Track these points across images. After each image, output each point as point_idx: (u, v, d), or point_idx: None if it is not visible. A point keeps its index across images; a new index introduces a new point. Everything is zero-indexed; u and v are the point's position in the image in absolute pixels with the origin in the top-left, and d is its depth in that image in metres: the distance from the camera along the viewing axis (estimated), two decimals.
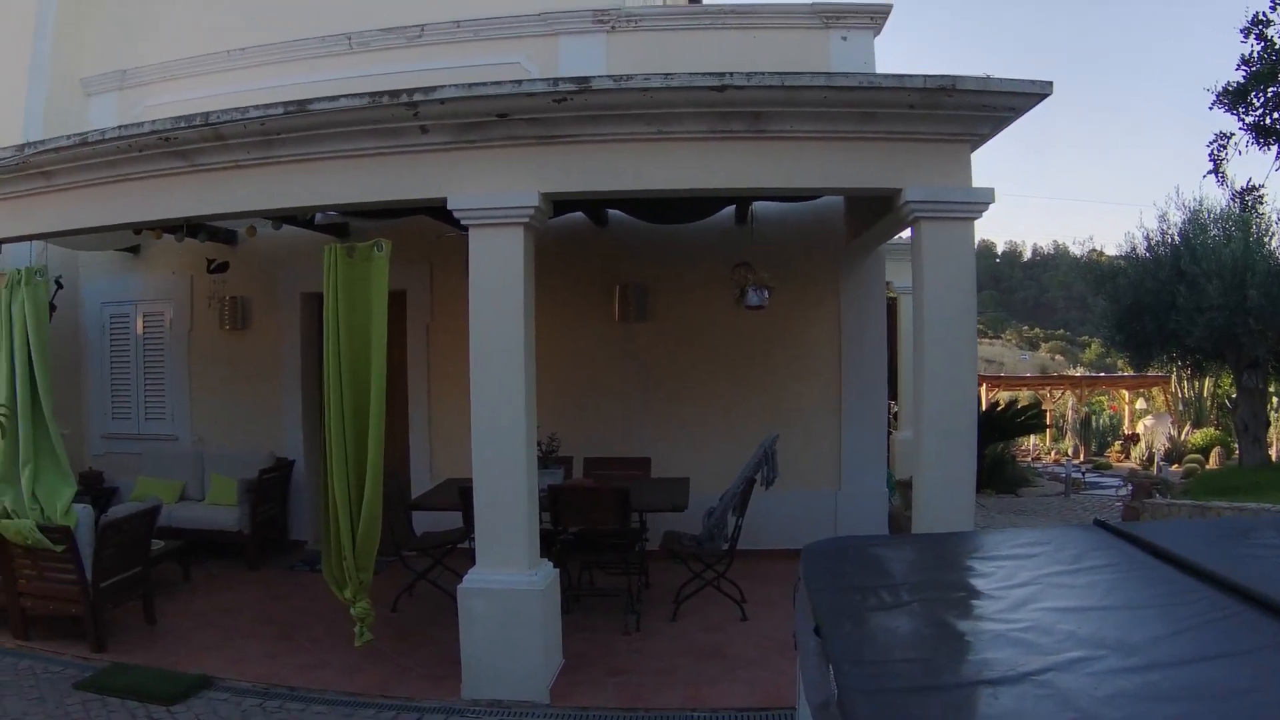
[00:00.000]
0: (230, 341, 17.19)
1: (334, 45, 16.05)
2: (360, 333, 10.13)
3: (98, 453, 17.99)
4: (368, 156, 10.15)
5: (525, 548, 9.73)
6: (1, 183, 11.92)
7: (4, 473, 11.97)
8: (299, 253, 16.08)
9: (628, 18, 14.92)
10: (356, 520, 10.05)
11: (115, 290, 18.07)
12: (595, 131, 9.62)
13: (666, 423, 15.21)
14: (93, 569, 11.30)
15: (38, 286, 12.08)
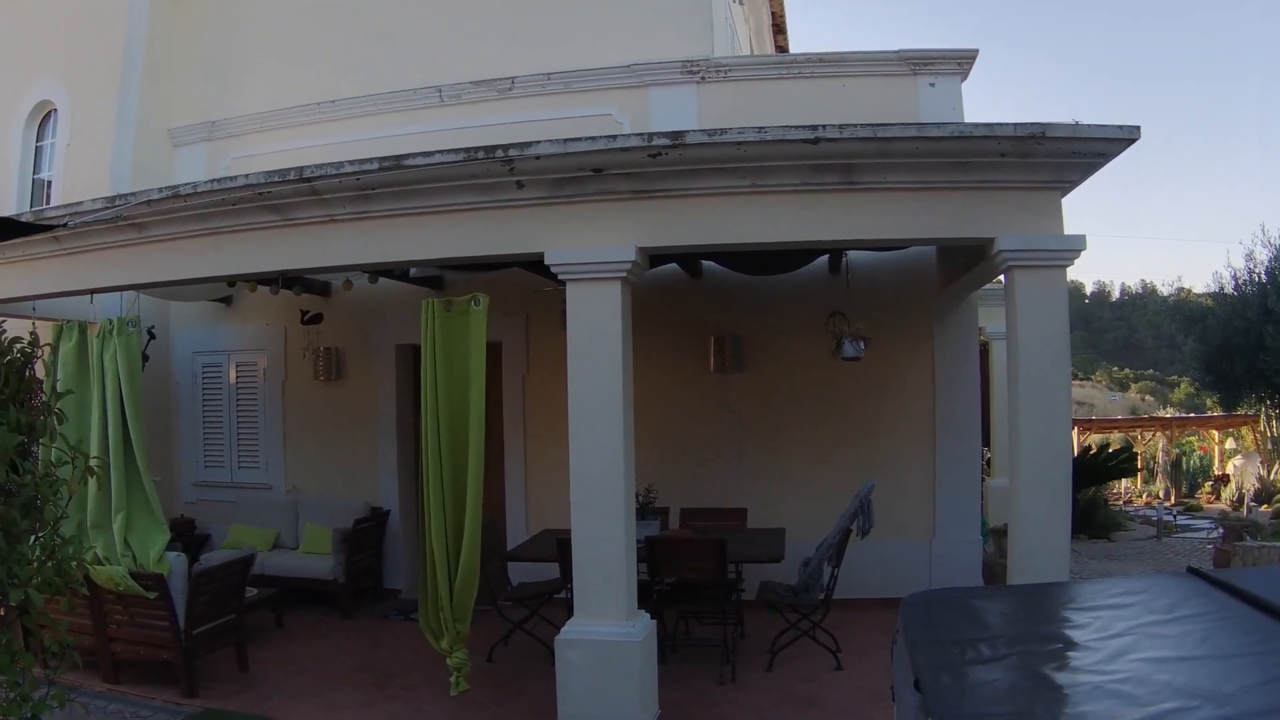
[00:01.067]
0: (325, 392, 17.29)
1: (425, 98, 16.15)
2: (459, 386, 10.17)
3: (189, 500, 18.11)
4: (463, 211, 10.20)
5: (623, 599, 9.70)
6: (92, 234, 12.04)
7: (96, 519, 12.09)
8: (393, 304, 16.14)
9: (716, 68, 14.93)
10: (454, 572, 10.07)
11: (207, 340, 18.22)
12: (690, 186, 9.64)
13: (762, 473, 15.10)
14: (185, 616, 11.36)
15: (130, 336, 12.20)
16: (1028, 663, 5.04)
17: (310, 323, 16.89)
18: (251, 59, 18.36)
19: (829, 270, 14.79)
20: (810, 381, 15.06)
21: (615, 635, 9.55)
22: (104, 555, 11.73)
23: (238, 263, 11.62)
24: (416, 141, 11.97)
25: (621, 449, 9.79)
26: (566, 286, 9.97)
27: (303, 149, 15.17)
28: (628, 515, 9.88)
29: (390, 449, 16.89)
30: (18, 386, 6.64)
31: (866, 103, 13.98)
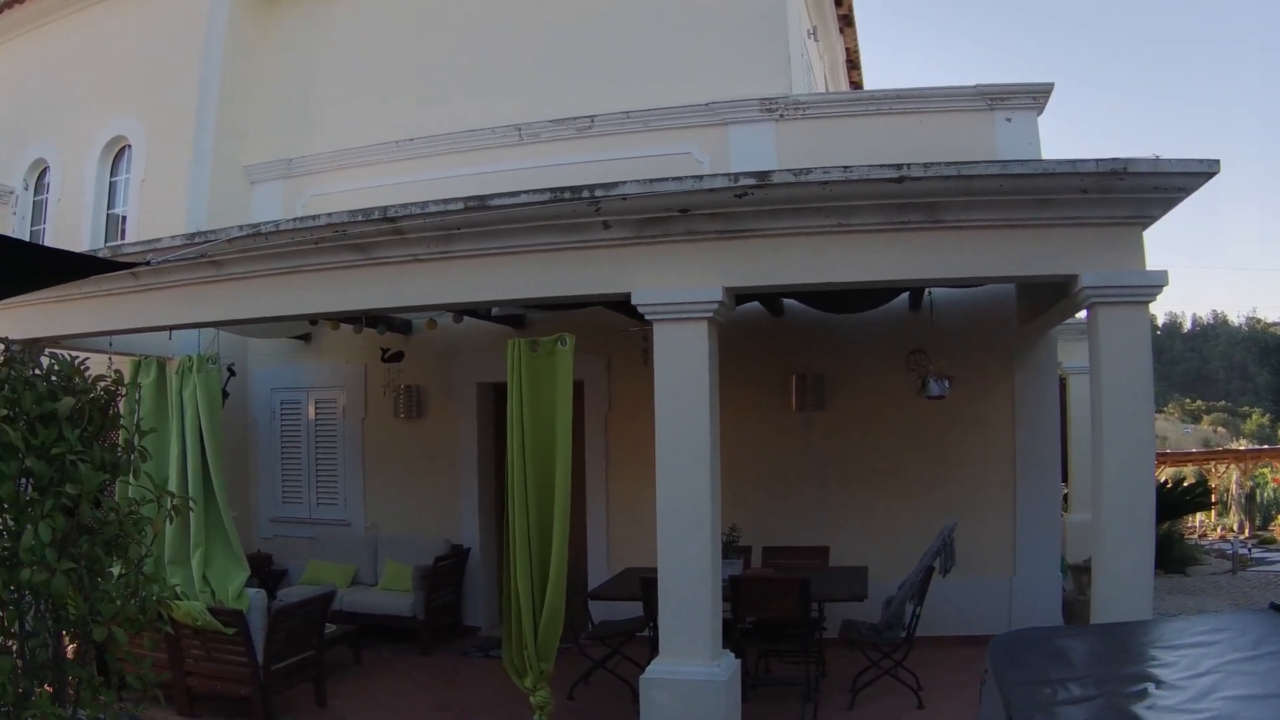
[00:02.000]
0: (405, 430, 17.25)
1: (504, 136, 16.12)
2: (545, 425, 10.13)
3: (266, 535, 18.14)
4: (548, 251, 10.23)
5: (709, 639, 9.65)
6: (170, 271, 12.09)
7: (174, 555, 12.15)
8: (475, 343, 16.13)
9: (795, 105, 14.83)
10: (539, 611, 10.00)
11: (286, 377, 18.27)
12: (775, 225, 9.61)
13: (843, 511, 14.94)
14: (264, 652, 11.36)
15: (210, 374, 12.29)
16: (1117, 703, 4.98)
17: (391, 360, 16.84)
18: (327, 97, 18.46)
19: (909, 307, 14.66)
20: (891, 419, 14.90)
21: (700, 675, 9.49)
22: (182, 591, 11.73)
23: (319, 301, 11.71)
24: (494, 181, 11.92)
25: (708, 488, 9.76)
26: (654, 327, 9.94)
27: (379, 187, 15.18)
28: (714, 555, 9.83)
29: (471, 486, 16.83)
30: (101, 423, 6.63)
31: (943, 139, 13.81)
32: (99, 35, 19.84)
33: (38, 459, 5.89)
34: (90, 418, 6.50)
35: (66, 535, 6.14)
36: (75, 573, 6.02)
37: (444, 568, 15.78)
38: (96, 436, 6.53)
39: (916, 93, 14.64)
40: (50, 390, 6.29)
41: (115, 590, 6.25)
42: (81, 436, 6.26)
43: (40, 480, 5.93)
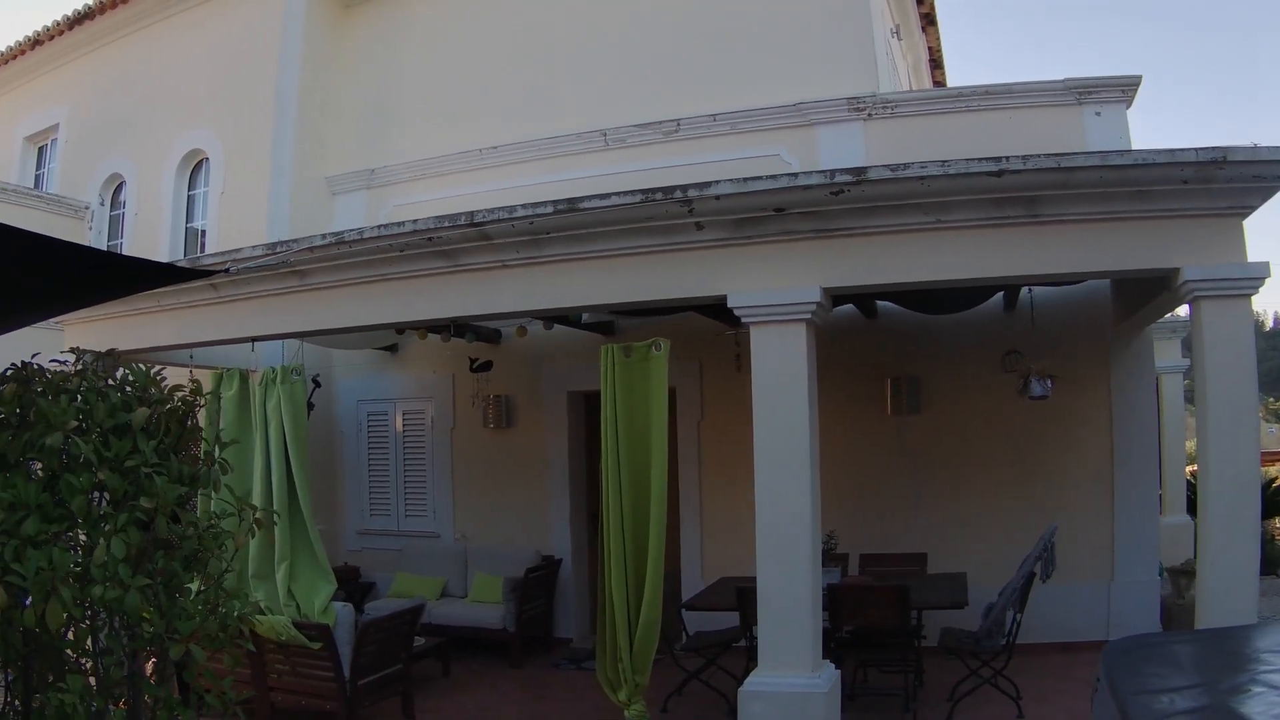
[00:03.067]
0: (494, 440, 17.13)
1: (590, 142, 16.04)
2: (639, 433, 9.97)
3: (353, 548, 18.08)
4: (639, 254, 10.03)
5: (809, 649, 9.38)
6: (251, 282, 12.08)
7: (259, 569, 12.07)
8: (564, 351, 15.94)
9: (883, 104, 14.64)
10: (635, 623, 9.83)
11: (372, 388, 18.24)
12: (872, 223, 9.35)
13: (941, 516, 14.60)
14: (351, 667, 11.23)
15: (295, 385, 12.20)
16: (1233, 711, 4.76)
17: (479, 370, 16.77)
18: (408, 105, 18.47)
19: (1004, 308, 14.34)
20: (987, 422, 14.58)
21: (800, 687, 9.20)
22: (266, 605, 11.63)
23: (404, 310, 11.57)
24: (580, 187, 11.72)
25: (808, 496, 9.50)
26: (750, 330, 9.69)
27: (464, 196, 14.99)
28: (814, 564, 9.56)
29: (562, 497, 16.65)
30: (179, 435, 6.47)
31: (1033, 135, 13.56)
32: (173, 50, 20.03)
33: (111, 472, 5.71)
34: (167, 429, 6.35)
35: (143, 550, 5.99)
36: (151, 589, 5.86)
37: (535, 579, 15.58)
38: (174, 449, 6.38)
39: (1004, 88, 14.40)
40: (125, 401, 6.14)
41: (193, 607, 6.08)
42: (157, 448, 6.09)
43: (114, 494, 5.77)
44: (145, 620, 5.91)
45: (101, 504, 5.80)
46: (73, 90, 22.14)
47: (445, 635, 14.66)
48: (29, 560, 5.34)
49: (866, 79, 15.08)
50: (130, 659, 6.14)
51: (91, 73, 21.74)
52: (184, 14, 19.99)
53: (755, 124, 15.18)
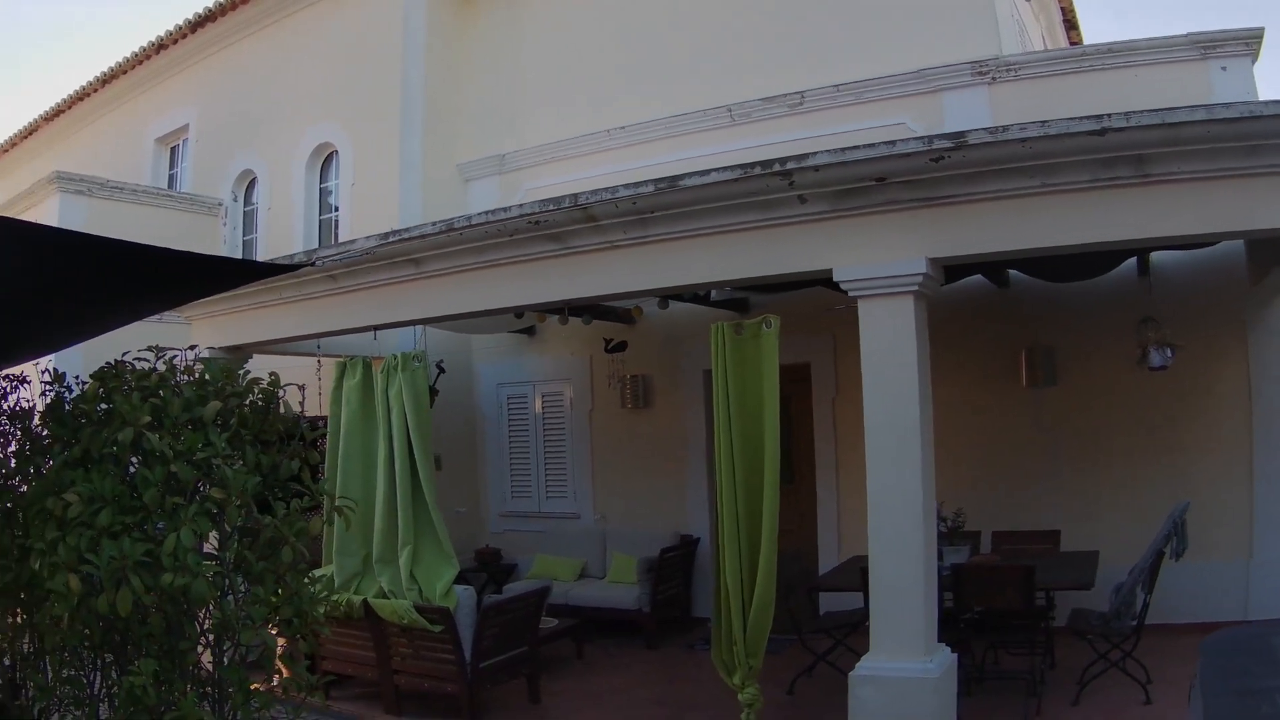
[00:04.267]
0: (632, 420, 17.23)
1: (715, 118, 16.02)
2: (752, 412, 9.82)
3: (496, 530, 18.30)
4: (744, 230, 9.89)
5: (921, 632, 9.16)
6: (369, 271, 12.23)
7: (382, 554, 12.14)
8: (698, 329, 15.39)
9: (1006, 67, 14.38)
10: (748, 605, 9.71)
11: (511, 371, 18.45)
12: (976, 190, 9.09)
13: (1075, 492, 14.21)
14: (473, 649, 11.30)
15: (416, 372, 12.21)
16: None
17: (614, 351, 16.89)
18: (535, 89, 18.63)
19: (1138, 274, 13.91)
20: (1122, 394, 14.15)
21: (911, 671, 8.99)
22: (389, 589, 11.84)
23: (517, 294, 11.60)
24: (708, 164, 11.63)
25: (919, 473, 9.27)
26: (858, 304, 9.53)
27: (594, 177, 14.87)
28: (927, 543, 9.35)
29: (699, 475, 16.57)
30: (259, 427, 6.56)
31: (1158, 92, 13.02)
32: (296, 46, 20.47)
33: (184, 464, 5.82)
34: (245, 421, 6.44)
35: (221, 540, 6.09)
36: (222, 576, 5.95)
37: (671, 559, 15.60)
38: (255, 440, 6.47)
39: (1126, 45, 14.04)
40: (201, 396, 6.23)
41: (268, 595, 6.16)
42: (231, 440, 6.19)
43: (185, 485, 5.87)
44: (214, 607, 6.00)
45: (173, 496, 5.90)
46: (200, 91, 22.67)
47: (583, 616, 14.79)
48: (103, 550, 5.51)
49: (989, 42, 14.84)
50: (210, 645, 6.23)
51: (218, 73, 22.26)
52: (305, 10, 20.41)
53: (879, 93, 15.00)
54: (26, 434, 7.19)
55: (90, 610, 5.64)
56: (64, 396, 6.87)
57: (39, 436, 6.93)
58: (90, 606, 5.60)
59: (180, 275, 7.18)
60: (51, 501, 5.69)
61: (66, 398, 6.82)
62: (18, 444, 7.69)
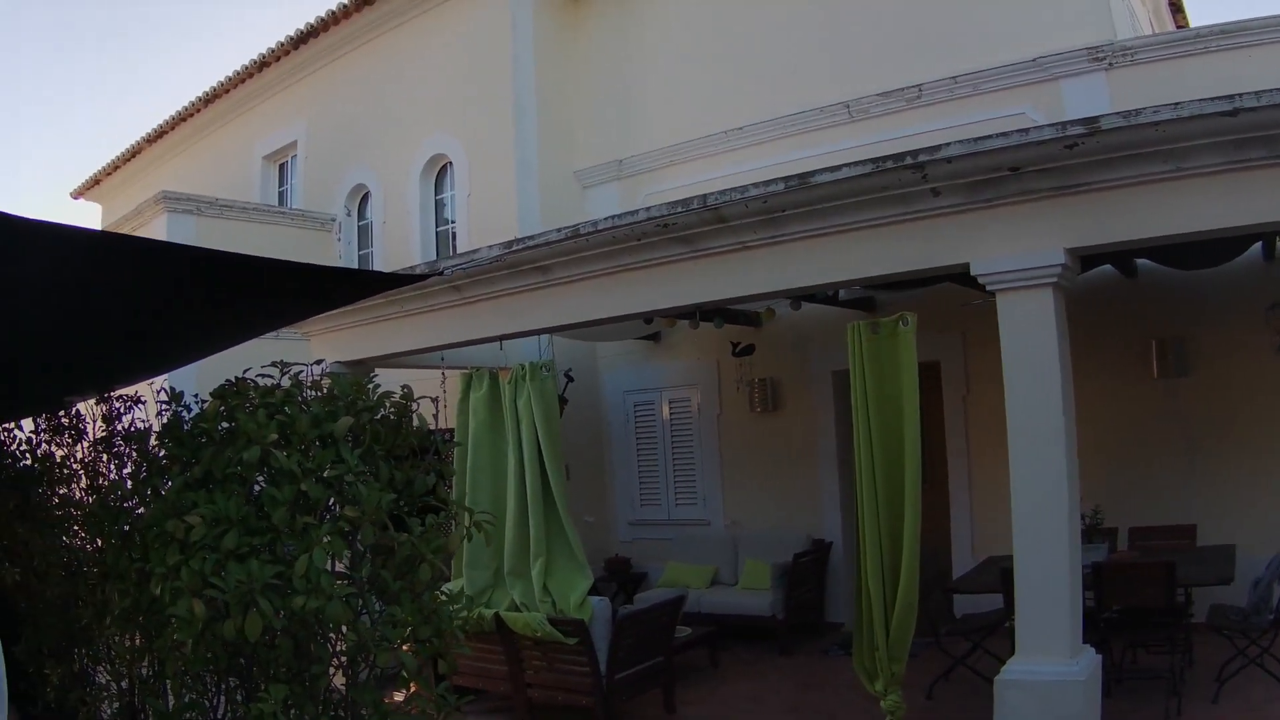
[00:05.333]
0: (761, 423, 17.04)
1: (833, 115, 15.88)
2: (890, 411, 9.63)
3: (625, 539, 18.22)
4: (878, 226, 9.70)
5: (1067, 634, 8.89)
6: (494, 280, 12.21)
7: (514, 566, 12.07)
8: (825, 330, 15.56)
9: (1122, 51, 14.10)
10: (890, 609, 9.49)
11: (637, 379, 18.36)
12: (1109, 177, 8.81)
13: (1209, 484, 13.78)
14: (608, 661, 11.13)
15: (544, 381, 12.12)
16: None
17: (742, 354, 16.72)
18: (650, 93, 18.55)
19: (1264, 258, 13.46)
20: (1256, 383, 13.71)
21: (1057, 675, 8.72)
22: (521, 602, 11.76)
23: (647, 299, 11.50)
24: (827, 162, 11.44)
25: (1064, 469, 9.02)
26: (997, 298, 9.30)
27: (713, 180, 14.69)
28: (1072, 541, 9.08)
29: (831, 478, 16.45)
30: (392, 441, 6.43)
31: (1274, 72, 12.84)
32: (403, 59, 20.58)
33: (314, 483, 5.68)
34: (377, 436, 6.30)
35: (354, 560, 5.96)
36: (357, 598, 5.81)
37: (804, 564, 15.39)
38: (387, 455, 6.33)
39: (1239, 25, 13.70)
40: (330, 412, 6.10)
41: (405, 613, 6.01)
42: (364, 456, 6.05)
43: (316, 504, 5.73)
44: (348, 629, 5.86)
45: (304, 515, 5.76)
46: (307, 107, 22.90)
47: (716, 624, 14.58)
48: (229, 573, 5.35)
49: (1103, 27, 14.58)
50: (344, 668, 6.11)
51: (324, 88, 22.47)
52: (409, 24, 20.53)
53: (997, 83, 14.80)
54: (143, 455, 7.14)
55: (215, 635, 5.48)
56: (182, 416, 6.74)
57: (156, 457, 6.84)
58: (215, 632, 5.44)
59: (306, 289, 7.13)
60: (172, 524, 5.56)
61: (185, 417, 6.70)
62: (133, 465, 7.67)
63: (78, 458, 9.21)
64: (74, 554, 8.68)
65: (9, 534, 9.03)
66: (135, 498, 6.94)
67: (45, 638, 8.87)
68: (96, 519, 7.53)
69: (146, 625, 6.74)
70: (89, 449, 9.08)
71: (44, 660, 8.98)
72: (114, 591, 6.80)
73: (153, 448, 7.01)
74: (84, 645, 8.76)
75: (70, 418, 9.39)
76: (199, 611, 5.28)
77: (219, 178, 24.33)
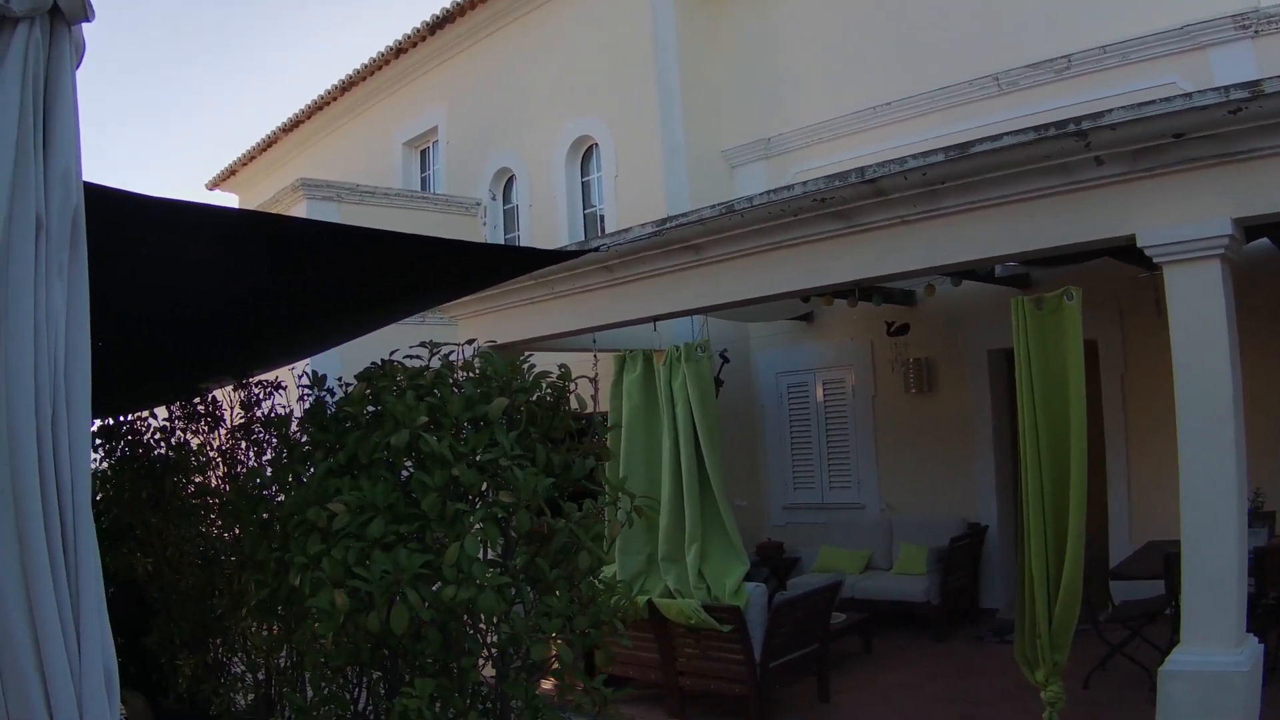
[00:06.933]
0: (916, 405, 16.77)
1: (982, 89, 15.56)
2: (1055, 390, 9.28)
3: (778, 523, 18.05)
4: (1039, 198, 9.40)
5: (1233, 622, 8.55)
6: (646, 260, 12.08)
7: (668, 552, 11.94)
8: (981, 308, 15.37)
9: (1266, 18, 13.68)
10: (1054, 596, 9.14)
11: (790, 359, 18.16)
12: (1274, 143, 8.44)
13: None
14: (763, 649, 10.93)
15: (700, 362, 11.97)
16: None
17: (896, 334, 16.53)
18: (796, 70, 18.26)
19: None
20: None
21: (1222, 665, 8.40)
22: (675, 588, 11.60)
23: (803, 277, 11.26)
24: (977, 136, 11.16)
25: (1232, 449, 8.67)
26: (1164, 271, 8.96)
27: (861, 157, 14.53)
28: (1240, 525, 8.73)
29: (987, 460, 16.16)
30: (549, 424, 6.21)
31: None
32: (542, 42, 20.66)
33: (467, 467, 5.47)
34: (533, 418, 6.09)
35: (507, 548, 5.82)
36: (511, 588, 5.60)
37: (960, 548, 15.12)
38: (544, 438, 6.12)
39: None
40: (484, 393, 5.89)
41: (562, 605, 5.79)
42: (520, 439, 5.86)
43: (469, 490, 5.55)
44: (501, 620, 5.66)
45: (456, 502, 5.57)
46: (447, 92, 23.12)
47: (869, 610, 14.35)
48: (374, 563, 5.21)
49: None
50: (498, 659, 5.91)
51: (463, 73, 22.65)
52: (544, 6, 20.58)
53: (1145, 52, 14.39)
54: (284, 441, 7.01)
55: (358, 628, 5.32)
56: (325, 400, 6.61)
57: (298, 443, 6.67)
58: (358, 624, 5.29)
59: (465, 267, 7.04)
60: (314, 512, 5.42)
61: (329, 401, 6.56)
62: (274, 452, 7.57)
63: (214, 445, 9.18)
64: (210, 543, 8.65)
65: (142, 524, 9.01)
66: (275, 485, 6.81)
67: (178, 628, 8.89)
68: (234, 507, 7.48)
69: (285, 616, 6.60)
70: (227, 436, 9.05)
71: (176, 651, 8.95)
72: (251, 581, 6.74)
73: (294, 433, 6.89)
74: (218, 636, 8.74)
75: (206, 404, 9.37)
76: (341, 603, 5.15)
77: (358, 165, 24.65)
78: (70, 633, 3.26)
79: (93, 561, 3.32)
